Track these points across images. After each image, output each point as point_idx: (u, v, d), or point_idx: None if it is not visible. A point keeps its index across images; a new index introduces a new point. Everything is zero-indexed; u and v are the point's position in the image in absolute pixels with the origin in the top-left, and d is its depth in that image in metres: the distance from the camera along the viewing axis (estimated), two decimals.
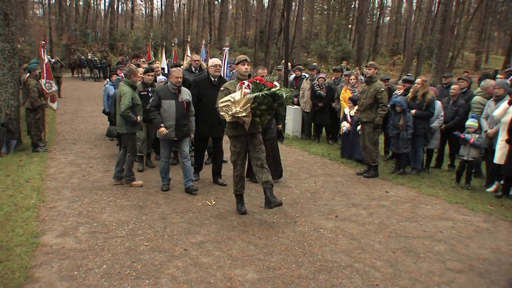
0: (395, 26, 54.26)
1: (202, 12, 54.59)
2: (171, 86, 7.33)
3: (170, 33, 39.08)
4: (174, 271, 4.69)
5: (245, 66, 6.61)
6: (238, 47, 43.87)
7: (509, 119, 7.52)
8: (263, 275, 4.68)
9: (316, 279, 4.62)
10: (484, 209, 7.11)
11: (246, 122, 5.93)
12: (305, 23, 49.29)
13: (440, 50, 20.24)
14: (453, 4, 33.13)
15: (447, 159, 10.08)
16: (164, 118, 7.28)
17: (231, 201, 7.11)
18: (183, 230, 5.85)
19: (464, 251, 5.48)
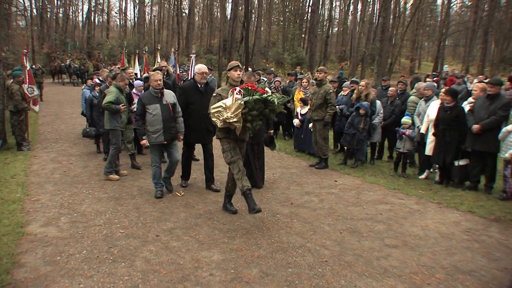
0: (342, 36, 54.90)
1: (171, 23, 53.95)
2: (153, 90, 6.71)
3: (142, 42, 38.37)
4: (148, 255, 4.70)
5: (237, 72, 5.93)
6: (204, 54, 43.55)
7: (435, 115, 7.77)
8: (227, 256, 4.73)
9: (273, 258, 4.70)
10: (417, 193, 7.34)
11: (237, 128, 5.40)
12: (264, 33, 49.35)
13: (381, 57, 20.63)
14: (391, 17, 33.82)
15: (386, 151, 10.33)
16: (151, 123, 6.60)
17: (198, 192, 7.14)
18: (155, 218, 5.85)
19: (399, 229, 5.66)
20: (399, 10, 45.10)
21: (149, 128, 6.64)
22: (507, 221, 6.07)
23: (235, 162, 5.69)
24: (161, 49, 26.06)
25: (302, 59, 40.62)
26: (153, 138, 6.66)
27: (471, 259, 4.84)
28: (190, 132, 7.03)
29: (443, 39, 42.66)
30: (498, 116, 7.24)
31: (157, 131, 6.61)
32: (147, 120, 6.65)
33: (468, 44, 43.30)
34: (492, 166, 7.48)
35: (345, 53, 50.25)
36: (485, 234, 5.60)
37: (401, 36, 40.32)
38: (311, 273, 4.38)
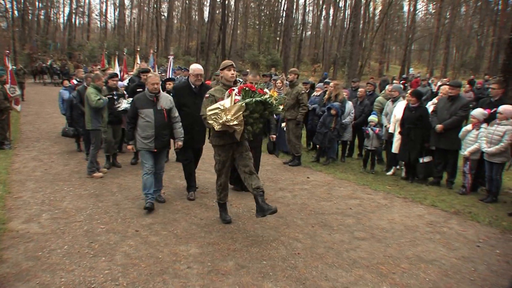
0: (315, 39, 55.20)
1: (150, 25, 53.40)
2: (148, 93, 5.97)
3: (122, 44, 37.92)
4: (127, 249, 4.67)
5: (231, 71, 5.39)
6: (182, 55, 43.20)
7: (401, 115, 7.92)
8: (204, 249, 4.73)
9: (249, 251, 4.72)
10: (384, 189, 7.47)
11: (237, 131, 4.87)
12: (240, 35, 49.26)
13: (351, 60, 20.90)
14: (361, 22, 34.21)
15: (356, 149, 10.47)
16: (142, 128, 5.92)
17: (176, 188, 7.10)
18: (134, 214, 5.80)
19: (368, 223, 5.75)
20: (369, 16, 45.77)
21: (140, 133, 5.96)
22: (465, 214, 6.25)
23: (220, 176, 5.47)
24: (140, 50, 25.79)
25: (276, 61, 40.76)
26: (143, 144, 5.96)
27: (433, 249, 4.97)
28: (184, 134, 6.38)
29: (409, 44, 43.34)
30: (458, 116, 7.44)
31: (148, 137, 5.93)
32: (138, 124, 5.98)
33: (432, 48, 44.27)
34: (453, 163, 7.68)
35: (317, 55, 50.58)
36: (446, 226, 5.74)
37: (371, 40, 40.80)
38: (284, 265, 4.42)
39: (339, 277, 4.19)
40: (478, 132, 7.09)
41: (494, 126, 6.80)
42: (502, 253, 4.93)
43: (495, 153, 6.66)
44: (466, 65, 46.44)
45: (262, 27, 51.09)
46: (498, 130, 6.69)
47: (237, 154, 5.32)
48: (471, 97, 13.85)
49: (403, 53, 42.44)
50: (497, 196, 6.96)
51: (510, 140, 6.55)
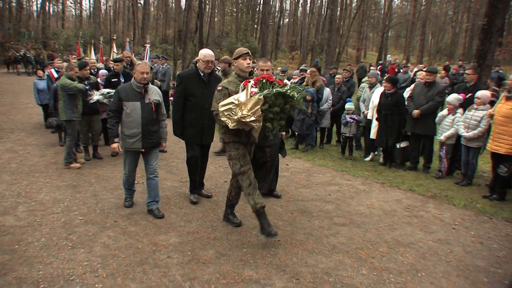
0: (293, 27, 55.17)
1: (126, 13, 52.49)
2: (135, 84, 5.19)
3: (98, 32, 37.17)
4: (106, 240, 4.60)
5: (246, 60, 4.68)
6: (160, 44, 42.65)
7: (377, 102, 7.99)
8: (183, 239, 4.70)
9: (229, 239, 4.71)
10: (362, 174, 7.54)
11: (255, 129, 4.19)
12: (218, 23, 48.87)
13: (329, 47, 20.88)
14: (338, 9, 34.24)
15: (335, 136, 10.53)
16: (126, 125, 5.19)
17: None
18: (113, 205, 5.72)
19: (347, 208, 5.80)
20: (346, 3, 45.79)
21: (125, 131, 5.23)
22: (442, 198, 6.36)
23: (245, 173, 4.56)
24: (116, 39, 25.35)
25: (254, 49, 40.51)
26: (128, 143, 5.25)
27: (411, 233, 5.04)
28: (189, 129, 5.70)
29: (386, 31, 43.65)
30: (435, 102, 7.53)
31: (133, 135, 5.19)
32: (123, 121, 5.26)
33: (409, 35, 44.71)
34: (430, 148, 7.79)
35: (295, 43, 50.59)
36: (423, 210, 5.84)
37: (348, 27, 40.97)
38: (264, 252, 4.43)
39: (319, 262, 4.22)
40: (454, 117, 7.20)
41: (471, 111, 6.90)
42: (476, 235, 5.04)
43: (473, 137, 6.76)
44: (442, 51, 47.15)
45: (240, 14, 50.76)
46: (476, 115, 6.79)
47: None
48: (446, 83, 14.07)
49: (380, 40, 42.83)
50: (472, 179, 7.10)
51: (487, 125, 6.66)
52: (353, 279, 3.90)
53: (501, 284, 3.92)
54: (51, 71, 10.20)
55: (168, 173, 7.34)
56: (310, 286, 3.78)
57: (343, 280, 3.88)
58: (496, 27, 8.93)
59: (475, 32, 31.71)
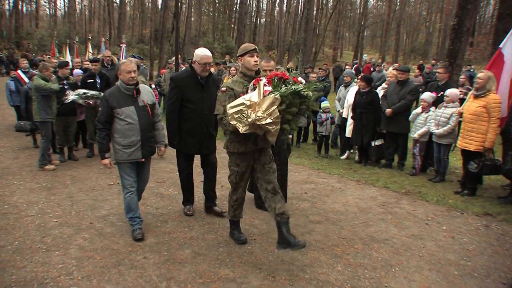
0: (270, 26, 55.31)
1: (102, 13, 51.77)
2: (124, 86, 4.56)
3: (73, 32, 36.61)
4: (82, 242, 4.54)
5: (254, 57, 4.26)
6: (136, 44, 42.22)
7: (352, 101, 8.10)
8: (160, 239, 4.68)
9: (205, 239, 4.71)
10: (338, 172, 7.63)
11: (272, 132, 3.73)
12: (194, 23, 48.60)
13: (305, 46, 21.07)
14: (314, 9, 34.50)
15: (311, 134, 10.62)
16: (123, 134, 4.54)
17: None
18: (88, 206, 5.65)
19: (323, 206, 5.86)
20: (322, 3, 46.18)
21: (120, 141, 4.56)
22: (415, 194, 6.49)
23: (236, 190, 4.44)
24: (92, 39, 25.02)
25: (231, 48, 40.51)
26: (125, 154, 4.59)
27: (385, 229, 5.13)
28: (186, 139, 5.11)
29: (362, 30, 44.18)
30: (407, 100, 7.68)
31: (132, 144, 4.57)
32: (115, 129, 4.58)
33: (384, 35, 45.34)
34: (404, 146, 7.94)
35: (272, 42, 50.69)
36: (397, 207, 5.94)
37: (324, 27, 41.32)
38: (241, 250, 4.44)
39: (295, 260, 4.26)
40: (427, 115, 7.35)
41: (441, 109, 7.07)
42: (448, 229, 5.16)
43: (443, 134, 6.92)
44: (416, 50, 48.05)
45: (217, 14, 50.62)
46: (446, 112, 6.96)
47: (259, 165, 4.30)
48: (420, 81, 14.34)
49: (356, 40, 43.29)
50: (445, 175, 7.26)
51: (456, 121, 6.83)
52: (328, 276, 3.95)
53: (470, 277, 4.03)
54: (18, 72, 10.00)
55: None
56: (286, 284, 3.81)
57: (318, 277, 3.93)
58: (466, 27, 9.17)
59: (448, 32, 32.36)
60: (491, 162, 6.13)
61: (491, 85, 6.18)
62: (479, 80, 6.22)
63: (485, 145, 6.13)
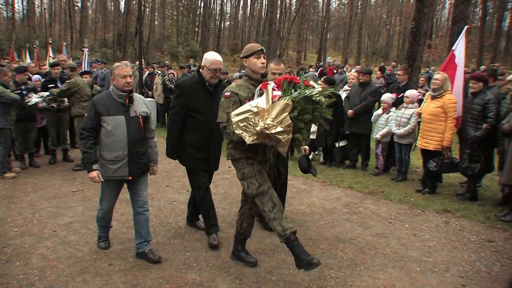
0: (234, 29, 55.39)
1: (63, 16, 50.48)
2: (117, 93, 4.04)
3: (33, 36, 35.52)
4: (44, 251, 4.44)
5: (260, 59, 3.81)
6: (99, 48, 41.39)
7: None
8: (125, 245, 4.62)
9: (171, 244, 4.68)
10: (303, 174, 7.69)
11: (283, 142, 3.27)
12: (158, 26, 48.17)
13: (269, 49, 21.23)
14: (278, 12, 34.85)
15: None
16: (107, 147, 4.01)
17: (95, 185, 6.77)
18: (51, 214, 5.52)
19: (289, 208, 5.90)
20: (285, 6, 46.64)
21: (105, 154, 4.04)
22: (379, 193, 6.65)
23: (266, 193, 3.65)
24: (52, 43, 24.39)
25: (196, 52, 40.36)
26: (110, 170, 4.08)
27: (350, 229, 5.23)
28: (192, 153, 4.53)
29: (324, 33, 44.93)
30: (368, 102, 7.87)
31: (117, 159, 4.04)
32: (100, 141, 4.05)
33: (346, 37, 46.19)
34: (366, 146, 8.12)
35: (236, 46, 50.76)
36: (361, 206, 6.07)
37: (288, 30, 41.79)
38: (207, 255, 4.44)
39: (262, 262, 4.28)
40: (388, 116, 7.54)
41: (402, 109, 7.27)
42: (410, 227, 5.31)
43: (404, 134, 7.12)
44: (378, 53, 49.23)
45: (180, 17, 50.26)
46: (406, 113, 7.16)
47: None
48: (382, 83, 14.67)
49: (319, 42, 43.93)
50: (406, 175, 7.47)
51: (416, 122, 7.04)
52: (295, 277, 4.00)
53: (431, 273, 4.16)
54: None
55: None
56: (253, 286, 3.83)
57: (285, 278, 3.97)
58: (423, 30, 9.47)
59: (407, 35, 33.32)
60: (449, 161, 6.35)
61: (447, 86, 6.42)
62: (436, 81, 6.43)
63: (443, 144, 6.35)
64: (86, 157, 4.03)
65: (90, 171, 4.04)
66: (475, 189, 6.49)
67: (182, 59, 39.97)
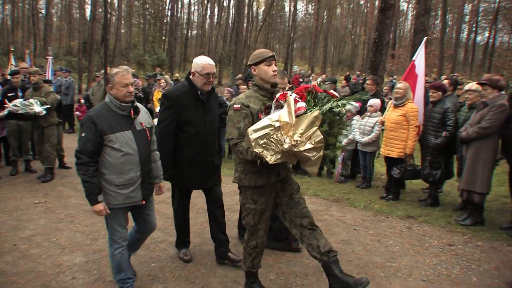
0: (201, 38, 55.31)
1: (26, 23, 49.17)
2: (118, 104, 3.44)
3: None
4: (3, 266, 4.29)
5: (272, 67, 3.39)
6: (64, 56, 40.49)
7: None
8: (89, 257, 4.53)
9: (136, 255, 4.57)
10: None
11: (313, 161, 2.98)
12: (125, 35, 47.60)
13: (236, 58, 21.29)
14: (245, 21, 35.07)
15: None
16: (117, 169, 3.40)
17: (58, 196, 6.67)
18: (11, 227, 5.34)
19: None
20: (252, 15, 46.97)
21: (113, 179, 3.42)
22: (344, 201, 6.75)
23: (256, 234, 3.58)
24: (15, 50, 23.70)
25: (163, 61, 40.05)
26: (120, 197, 3.47)
27: None
28: (184, 171, 4.13)
29: (291, 42, 45.35)
30: None
31: (130, 182, 3.47)
32: (105, 163, 3.41)
33: (312, 47, 46.87)
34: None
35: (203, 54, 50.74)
36: (327, 214, 6.14)
37: (255, 39, 42.05)
38: (173, 265, 4.40)
39: (228, 272, 4.27)
40: (352, 124, 7.68)
41: (366, 118, 7.42)
42: (374, 233, 5.41)
43: (368, 142, 7.27)
44: (343, 62, 50.18)
45: (148, 26, 49.85)
46: (370, 121, 7.32)
47: (285, 197, 3.56)
48: (347, 91, 14.95)
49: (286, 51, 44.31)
50: (371, 182, 7.62)
51: (379, 130, 7.20)
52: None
53: (394, 278, 4.25)
54: None
55: (72, 190, 7.01)
56: None
57: None
58: (386, 40, 9.73)
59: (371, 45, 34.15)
60: (411, 168, 6.53)
61: (409, 95, 6.61)
62: (399, 90, 6.61)
63: (406, 151, 6.52)
64: (89, 188, 3.35)
65: (95, 204, 3.40)
66: (437, 195, 6.68)
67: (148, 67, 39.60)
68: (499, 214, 6.26)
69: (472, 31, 45.82)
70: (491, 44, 41.94)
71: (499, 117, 5.37)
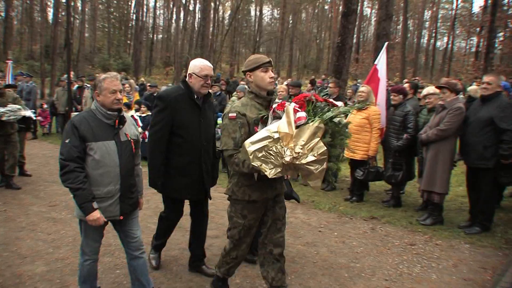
0: (167, 42, 54.83)
1: None
2: (104, 112, 3.26)
3: None
4: None
5: (268, 73, 3.26)
6: (25, 60, 39.29)
7: None
8: (52, 266, 4.42)
9: (101, 262, 4.45)
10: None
11: (315, 175, 2.82)
12: (89, 39, 46.71)
13: None
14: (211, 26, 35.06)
15: None
16: (95, 180, 3.20)
17: (20, 204, 6.46)
18: None
19: (220, 221, 5.94)
20: (218, 20, 47.01)
21: (92, 191, 3.21)
22: (309, 203, 6.84)
23: (238, 247, 3.57)
24: None
25: (128, 65, 39.57)
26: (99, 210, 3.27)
27: None
28: (176, 179, 3.92)
29: (257, 46, 45.68)
30: None
31: (108, 195, 3.27)
32: (87, 173, 3.20)
33: (278, 51, 47.22)
34: None
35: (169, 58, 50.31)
36: (292, 216, 6.19)
37: (221, 43, 42.07)
38: None
39: (194, 276, 4.25)
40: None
41: None
42: (339, 235, 5.50)
43: None
44: (308, 66, 50.80)
45: (112, 30, 49.07)
46: None
47: (270, 219, 3.50)
48: None
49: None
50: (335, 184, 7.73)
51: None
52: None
53: (358, 278, 4.32)
54: None
55: (34, 197, 6.83)
56: None
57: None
58: (349, 45, 9.93)
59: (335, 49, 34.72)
60: (374, 169, 6.67)
61: (372, 98, 6.76)
62: (362, 93, 6.75)
63: (369, 154, 6.66)
64: (81, 196, 3.14)
65: (90, 212, 3.15)
66: (399, 196, 6.84)
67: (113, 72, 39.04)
68: (457, 213, 6.47)
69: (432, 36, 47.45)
70: (450, 49, 43.48)
71: (457, 119, 5.56)
